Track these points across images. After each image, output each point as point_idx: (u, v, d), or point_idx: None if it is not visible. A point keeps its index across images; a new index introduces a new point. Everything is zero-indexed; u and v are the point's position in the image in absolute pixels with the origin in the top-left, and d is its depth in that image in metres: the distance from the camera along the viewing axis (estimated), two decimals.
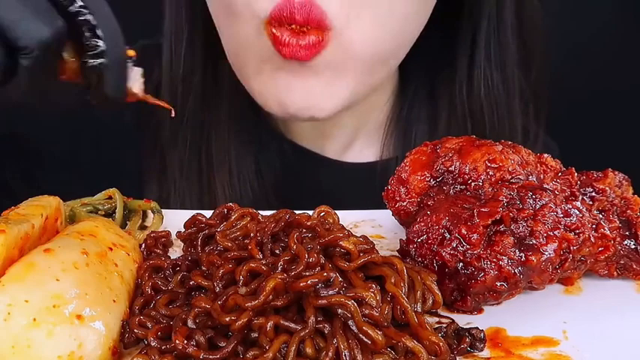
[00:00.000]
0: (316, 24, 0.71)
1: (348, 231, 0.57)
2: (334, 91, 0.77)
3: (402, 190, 0.65)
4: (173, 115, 0.62)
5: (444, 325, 0.55)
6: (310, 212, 0.60)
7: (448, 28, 0.90)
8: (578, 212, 0.60)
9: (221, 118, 0.92)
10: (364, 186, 0.90)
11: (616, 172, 0.65)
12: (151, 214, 0.72)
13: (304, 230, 0.56)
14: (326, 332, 0.49)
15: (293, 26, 0.71)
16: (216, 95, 0.91)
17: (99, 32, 0.53)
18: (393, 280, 0.52)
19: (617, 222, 0.63)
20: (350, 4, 0.72)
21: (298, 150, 0.95)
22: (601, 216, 0.62)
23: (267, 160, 0.94)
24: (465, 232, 0.57)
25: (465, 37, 0.90)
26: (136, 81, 0.57)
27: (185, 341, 0.48)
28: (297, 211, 0.59)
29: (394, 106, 0.98)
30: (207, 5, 0.82)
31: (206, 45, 0.90)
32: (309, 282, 0.49)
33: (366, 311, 0.49)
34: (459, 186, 0.61)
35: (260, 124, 0.94)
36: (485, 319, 0.57)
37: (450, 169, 0.62)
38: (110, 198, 0.70)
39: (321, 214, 0.61)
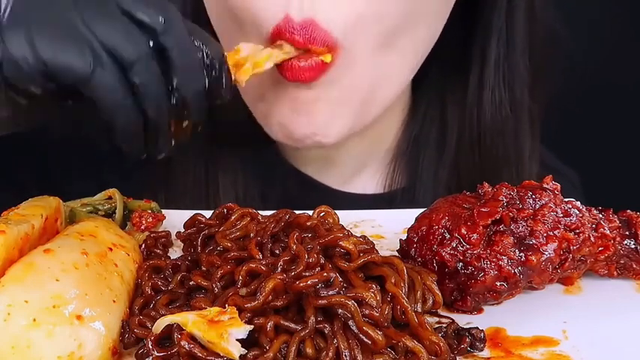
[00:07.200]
0: (321, 44, 0.68)
1: (348, 231, 0.57)
2: (339, 114, 0.74)
3: None
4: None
5: (444, 325, 0.55)
6: (310, 212, 0.60)
7: (461, 48, 0.87)
8: (578, 212, 0.60)
9: (229, 143, 0.88)
10: None
11: None
12: None
13: (304, 230, 0.56)
14: (326, 332, 0.49)
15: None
16: (223, 117, 0.85)
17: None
18: (393, 280, 0.52)
19: (617, 221, 0.63)
20: (357, 23, 0.69)
21: (301, 178, 0.91)
22: (601, 216, 0.62)
23: (271, 188, 0.91)
24: (465, 232, 0.57)
25: (476, 56, 0.87)
26: None
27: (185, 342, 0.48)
28: (297, 212, 0.59)
29: (405, 131, 0.94)
30: (213, 26, 0.79)
31: None
32: (309, 282, 0.49)
33: (366, 311, 0.49)
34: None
35: (267, 148, 0.90)
36: (485, 319, 0.57)
37: None
38: (110, 198, 0.70)
39: (321, 214, 0.61)
